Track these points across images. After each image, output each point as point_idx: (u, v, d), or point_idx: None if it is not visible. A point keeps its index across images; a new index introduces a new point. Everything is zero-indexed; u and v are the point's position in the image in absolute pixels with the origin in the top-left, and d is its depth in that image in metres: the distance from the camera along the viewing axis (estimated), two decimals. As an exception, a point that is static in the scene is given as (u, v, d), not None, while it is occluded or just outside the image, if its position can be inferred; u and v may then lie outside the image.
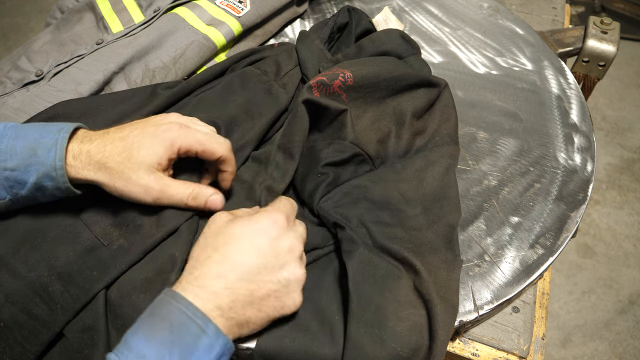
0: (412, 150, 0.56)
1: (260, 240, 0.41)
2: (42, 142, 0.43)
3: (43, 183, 0.44)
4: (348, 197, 0.50)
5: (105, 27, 0.69)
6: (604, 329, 1.35)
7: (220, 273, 0.39)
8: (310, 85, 0.54)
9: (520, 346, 0.49)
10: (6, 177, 0.43)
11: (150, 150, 0.45)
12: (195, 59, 0.66)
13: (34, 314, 0.42)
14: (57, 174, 0.43)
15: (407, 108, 0.57)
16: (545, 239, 0.53)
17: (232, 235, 0.41)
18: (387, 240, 0.46)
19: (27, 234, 0.46)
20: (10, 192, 0.44)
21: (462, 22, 0.80)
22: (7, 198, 0.44)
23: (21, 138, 0.44)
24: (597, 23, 0.77)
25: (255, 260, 0.40)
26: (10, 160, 0.43)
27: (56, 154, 0.43)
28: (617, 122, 1.84)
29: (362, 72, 0.56)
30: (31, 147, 0.43)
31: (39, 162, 0.43)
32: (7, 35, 2.14)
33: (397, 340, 0.41)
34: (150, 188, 0.45)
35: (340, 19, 0.67)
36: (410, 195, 0.50)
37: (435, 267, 0.45)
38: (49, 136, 0.44)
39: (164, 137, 0.45)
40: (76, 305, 0.42)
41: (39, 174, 0.43)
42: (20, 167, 0.43)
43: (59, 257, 0.44)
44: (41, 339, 0.42)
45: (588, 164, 0.60)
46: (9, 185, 0.44)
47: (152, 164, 0.45)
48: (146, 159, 0.44)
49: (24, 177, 0.43)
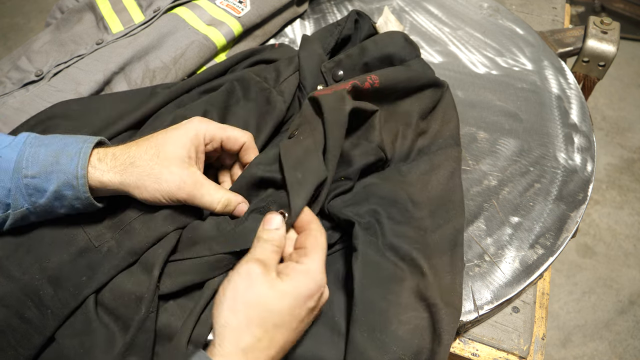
0: (414, 150, 0.56)
1: (305, 312, 0.39)
2: (66, 151, 0.43)
3: (63, 192, 0.43)
4: (358, 196, 0.50)
5: (105, 27, 0.69)
6: (604, 329, 1.35)
7: (270, 357, 0.37)
8: (347, 90, 0.52)
9: (520, 346, 0.49)
10: (26, 184, 0.42)
11: (178, 142, 0.44)
12: (196, 59, 0.66)
13: (26, 317, 0.42)
14: (79, 183, 0.42)
15: (415, 109, 0.57)
16: (545, 239, 0.53)
17: (281, 315, 0.37)
18: (397, 238, 0.46)
19: (26, 236, 0.46)
20: (29, 200, 0.43)
21: (462, 22, 0.80)
22: (25, 207, 0.43)
23: (44, 146, 0.43)
24: (597, 23, 0.77)
25: (297, 333, 0.39)
26: (31, 167, 0.42)
27: (79, 162, 0.42)
28: (617, 122, 1.84)
29: (385, 74, 0.55)
30: (54, 155, 0.43)
31: (60, 169, 0.42)
32: (7, 35, 2.14)
33: (399, 344, 0.41)
34: (184, 183, 0.43)
35: (346, 30, 0.66)
36: (416, 198, 0.50)
37: (441, 270, 0.45)
38: (73, 145, 0.43)
39: (187, 128, 0.45)
40: (65, 310, 0.42)
41: (59, 182, 0.42)
42: (41, 174, 0.42)
43: (51, 259, 0.44)
44: (33, 343, 0.42)
45: (588, 164, 0.60)
46: (28, 193, 0.43)
47: (183, 158, 0.44)
48: (175, 153, 0.44)
49: (44, 185, 0.42)
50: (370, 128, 0.53)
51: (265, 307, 0.37)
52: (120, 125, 0.55)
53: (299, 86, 0.61)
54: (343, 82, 0.54)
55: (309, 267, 0.39)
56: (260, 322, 0.36)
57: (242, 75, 0.60)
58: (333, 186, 0.49)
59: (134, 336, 0.40)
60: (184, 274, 0.43)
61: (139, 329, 0.41)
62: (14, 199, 0.43)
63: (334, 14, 0.81)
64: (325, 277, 0.40)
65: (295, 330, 0.38)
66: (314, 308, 0.39)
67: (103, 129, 0.55)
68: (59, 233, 0.46)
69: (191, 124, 0.46)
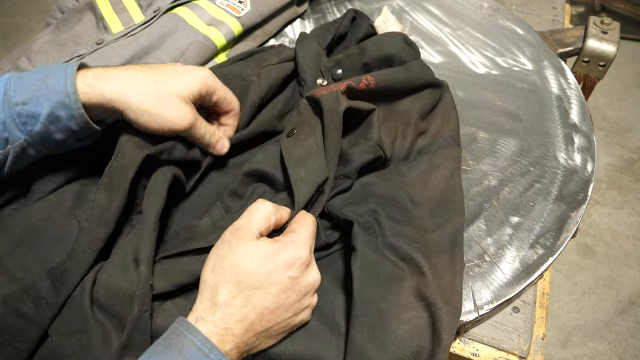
0: (413, 150, 0.56)
1: (285, 281, 0.40)
2: (51, 74, 0.43)
3: (57, 113, 0.42)
4: (357, 195, 0.50)
5: (105, 27, 0.69)
6: (604, 329, 1.35)
7: (244, 316, 0.38)
8: (341, 91, 0.53)
9: (521, 346, 0.49)
10: (18, 112, 0.42)
11: (188, 79, 0.47)
12: (196, 59, 0.66)
13: (21, 312, 0.42)
14: (70, 100, 0.42)
15: (414, 108, 0.57)
16: (545, 239, 0.53)
17: (258, 276, 0.39)
18: (397, 238, 0.46)
19: (24, 233, 0.46)
20: (24, 130, 0.43)
21: (462, 22, 0.80)
22: (22, 138, 0.43)
23: (29, 75, 0.43)
24: (597, 23, 0.77)
25: (277, 301, 0.39)
26: (20, 94, 0.42)
27: (67, 80, 0.42)
28: (617, 122, 1.84)
29: (383, 76, 0.55)
30: (41, 80, 0.43)
31: (50, 91, 0.42)
32: (7, 35, 2.14)
33: (398, 344, 0.41)
34: (187, 114, 0.46)
35: (342, 28, 0.66)
36: (416, 197, 0.50)
37: (441, 270, 0.45)
38: (58, 68, 0.44)
39: (196, 73, 0.48)
40: (59, 299, 0.42)
41: (51, 104, 0.42)
42: (31, 99, 0.42)
43: (53, 259, 0.44)
44: (29, 337, 0.42)
45: (588, 164, 0.60)
46: (22, 121, 0.42)
47: (188, 96, 0.47)
48: (184, 88, 0.46)
49: (36, 110, 0.42)
50: (368, 126, 0.53)
51: (242, 269, 0.39)
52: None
53: (298, 81, 0.62)
54: (339, 83, 0.54)
55: (293, 238, 0.41)
56: (236, 280, 0.38)
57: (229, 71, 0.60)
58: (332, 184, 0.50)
59: (130, 336, 0.40)
60: (179, 273, 0.43)
61: (134, 327, 0.40)
62: (10, 132, 0.43)
63: (334, 14, 0.81)
64: (310, 253, 0.42)
65: (275, 297, 0.39)
66: (296, 279, 0.40)
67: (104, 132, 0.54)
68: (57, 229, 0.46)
69: (203, 72, 0.49)
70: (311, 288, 0.42)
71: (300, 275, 0.40)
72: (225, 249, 0.40)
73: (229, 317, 0.37)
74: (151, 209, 0.44)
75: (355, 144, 0.52)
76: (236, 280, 0.38)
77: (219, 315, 0.37)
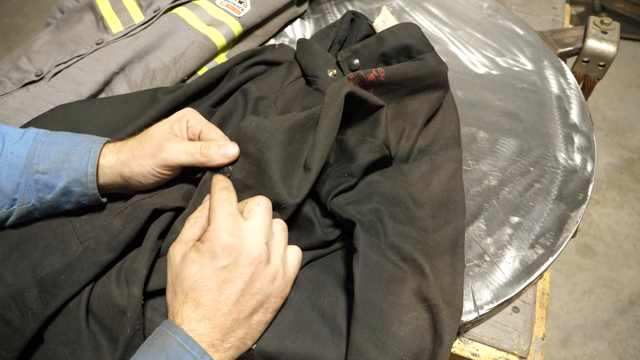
0: (414, 150, 0.56)
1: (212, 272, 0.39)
2: (76, 149, 0.45)
3: (71, 188, 0.45)
4: (361, 193, 0.50)
5: (105, 27, 0.69)
6: (604, 329, 1.35)
7: (202, 316, 0.38)
8: (348, 77, 0.52)
9: (520, 346, 0.49)
10: (36, 179, 0.44)
11: (162, 125, 0.48)
12: (196, 60, 0.66)
13: (7, 319, 0.42)
14: (87, 180, 0.45)
15: (423, 110, 0.57)
16: (545, 239, 0.53)
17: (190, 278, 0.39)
18: (399, 238, 0.45)
19: (20, 239, 0.46)
20: (37, 196, 0.45)
21: (462, 22, 0.80)
22: (31, 202, 0.45)
23: (55, 144, 0.46)
24: (597, 23, 0.77)
25: (219, 293, 0.39)
26: (43, 164, 0.45)
27: (89, 161, 0.45)
28: (617, 122, 1.84)
29: (393, 69, 0.55)
30: (65, 153, 0.45)
31: (71, 167, 0.45)
32: (7, 35, 2.14)
33: (399, 345, 0.41)
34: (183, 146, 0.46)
35: (341, 31, 0.66)
36: (417, 197, 0.49)
37: (442, 271, 0.45)
38: (83, 144, 0.46)
39: (173, 115, 0.50)
40: (47, 311, 0.42)
41: (69, 179, 0.45)
42: (52, 170, 0.45)
43: (45, 267, 0.44)
44: (14, 345, 0.42)
45: (588, 164, 0.60)
46: (37, 188, 0.45)
47: (169, 135, 0.47)
48: (161, 131, 0.47)
49: (53, 181, 0.45)
50: (376, 124, 0.52)
51: (178, 277, 0.40)
52: (122, 133, 0.55)
53: (307, 81, 0.61)
54: (353, 73, 0.54)
55: (209, 236, 0.40)
56: (180, 289, 0.40)
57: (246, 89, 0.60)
58: (336, 182, 0.49)
59: (123, 355, 0.40)
60: None
61: (127, 347, 0.40)
62: (22, 194, 0.45)
63: (334, 14, 0.81)
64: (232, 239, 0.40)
65: (219, 292, 0.39)
66: (228, 267, 0.39)
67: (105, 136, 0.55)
68: (52, 236, 0.46)
69: (179, 111, 0.50)
70: (259, 257, 0.40)
71: (234, 261, 0.40)
72: (168, 266, 0.42)
73: (190, 320, 0.38)
74: (152, 230, 0.45)
75: (362, 142, 0.51)
76: (180, 289, 0.40)
77: (179, 321, 0.38)
